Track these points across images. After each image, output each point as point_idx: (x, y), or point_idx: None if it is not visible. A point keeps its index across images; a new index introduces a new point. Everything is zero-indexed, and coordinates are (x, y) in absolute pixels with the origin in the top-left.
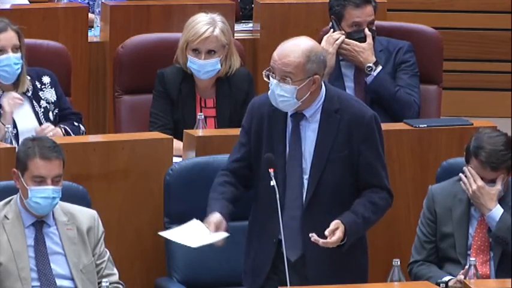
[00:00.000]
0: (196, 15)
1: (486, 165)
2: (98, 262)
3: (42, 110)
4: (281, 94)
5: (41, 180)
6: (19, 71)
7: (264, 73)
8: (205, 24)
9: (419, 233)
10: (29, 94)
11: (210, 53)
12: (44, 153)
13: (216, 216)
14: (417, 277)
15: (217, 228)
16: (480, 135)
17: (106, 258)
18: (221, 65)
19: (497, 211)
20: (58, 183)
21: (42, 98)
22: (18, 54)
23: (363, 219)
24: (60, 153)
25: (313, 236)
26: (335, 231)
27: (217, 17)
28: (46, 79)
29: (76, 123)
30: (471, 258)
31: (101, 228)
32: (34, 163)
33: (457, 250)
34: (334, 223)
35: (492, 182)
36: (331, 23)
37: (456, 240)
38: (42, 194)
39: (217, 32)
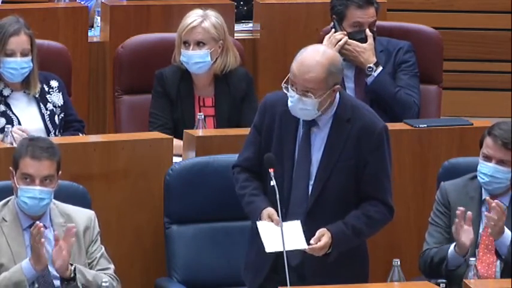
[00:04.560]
0: (191, 11)
1: (497, 140)
2: (89, 261)
3: (49, 112)
4: (303, 108)
5: (29, 180)
6: (26, 73)
7: (282, 85)
8: (195, 16)
9: (433, 222)
10: (37, 95)
11: (199, 44)
12: (35, 153)
13: (270, 210)
14: (427, 263)
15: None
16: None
17: (98, 255)
18: (214, 60)
19: (507, 236)
20: (48, 185)
21: (49, 101)
22: (27, 58)
23: (352, 230)
24: (53, 154)
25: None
26: (321, 238)
27: (211, 12)
28: (54, 83)
29: (76, 132)
30: (471, 259)
31: (97, 229)
32: (24, 161)
33: None
34: (320, 230)
35: (501, 162)
36: (332, 23)
37: None
38: (29, 194)
39: (206, 24)
